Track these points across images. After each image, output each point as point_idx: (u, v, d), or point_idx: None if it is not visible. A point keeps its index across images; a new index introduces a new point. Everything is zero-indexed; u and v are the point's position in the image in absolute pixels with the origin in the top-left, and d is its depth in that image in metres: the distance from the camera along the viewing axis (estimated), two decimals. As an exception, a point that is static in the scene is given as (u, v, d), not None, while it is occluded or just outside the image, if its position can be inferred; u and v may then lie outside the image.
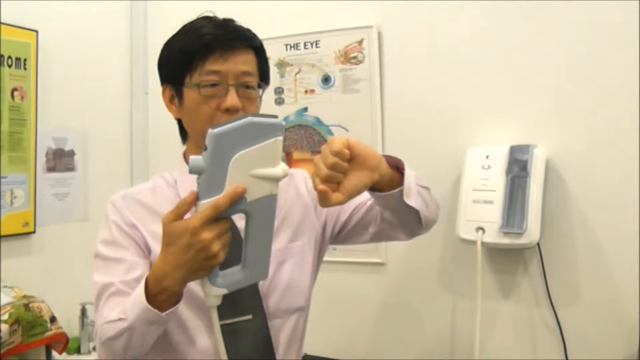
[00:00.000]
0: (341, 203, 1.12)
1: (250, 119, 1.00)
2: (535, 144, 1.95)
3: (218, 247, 1.02)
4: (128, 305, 1.12)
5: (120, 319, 1.12)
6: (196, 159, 0.99)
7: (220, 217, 1.01)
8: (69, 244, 2.38)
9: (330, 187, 1.10)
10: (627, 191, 1.87)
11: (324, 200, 1.10)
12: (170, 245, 1.04)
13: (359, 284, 2.29)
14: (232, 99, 1.25)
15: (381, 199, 1.25)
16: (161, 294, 1.08)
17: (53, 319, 1.96)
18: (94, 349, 2.37)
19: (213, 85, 1.26)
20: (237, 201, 1.01)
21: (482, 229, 1.91)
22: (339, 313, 2.29)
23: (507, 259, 2.04)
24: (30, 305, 1.91)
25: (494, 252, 2.05)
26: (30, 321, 1.88)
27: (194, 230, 1.00)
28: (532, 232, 1.86)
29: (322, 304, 1.48)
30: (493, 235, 1.90)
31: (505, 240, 1.88)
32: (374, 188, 1.20)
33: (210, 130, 0.99)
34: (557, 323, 1.96)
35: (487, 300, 2.04)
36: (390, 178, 1.20)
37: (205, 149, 0.99)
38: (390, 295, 2.25)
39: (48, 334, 1.94)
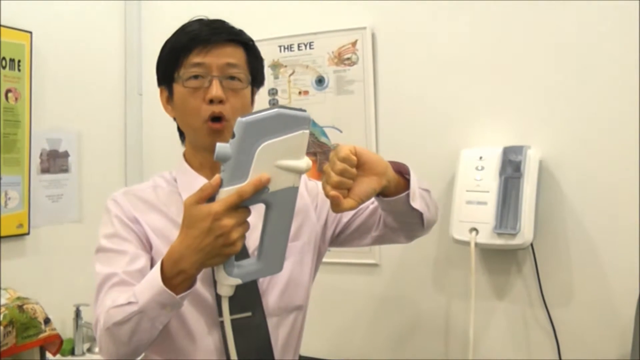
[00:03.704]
0: (352, 208, 1.14)
1: (279, 110, 1.01)
2: (528, 145, 1.95)
3: (237, 235, 1.02)
4: (139, 289, 1.12)
5: (129, 303, 1.11)
6: (223, 146, 1.00)
7: (240, 206, 1.02)
8: (63, 246, 2.37)
9: (341, 193, 1.12)
10: (620, 191, 1.88)
11: (336, 206, 1.12)
12: (190, 228, 1.04)
13: (353, 285, 2.29)
14: (215, 90, 1.28)
15: (387, 204, 1.27)
16: (177, 277, 1.08)
17: (47, 321, 1.96)
18: (88, 350, 2.37)
19: (197, 77, 1.29)
20: (260, 190, 1.01)
21: (475, 229, 1.92)
22: (333, 314, 2.29)
23: (500, 260, 2.05)
24: (24, 306, 1.91)
25: (488, 253, 2.05)
26: (24, 323, 1.88)
27: (216, 215, 1.00)
28: (526, 232, 1.86)
29: (316, 305, 1.48)
30: (486, 236, 1.90)
31: (499, 241, 1.89)
32: (380, 193, 1.23)
33: (239, 119, 1.00)
34: (550, 323, 1.97)
35: (481, 300, 2.04)
36: (396, 183, 1.23)
37: (233, 136, 1.00)
38: (384, 296, 2.25)
39: (42, 335, 1.94)
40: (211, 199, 1.03)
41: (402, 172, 1.26)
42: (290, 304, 1.37)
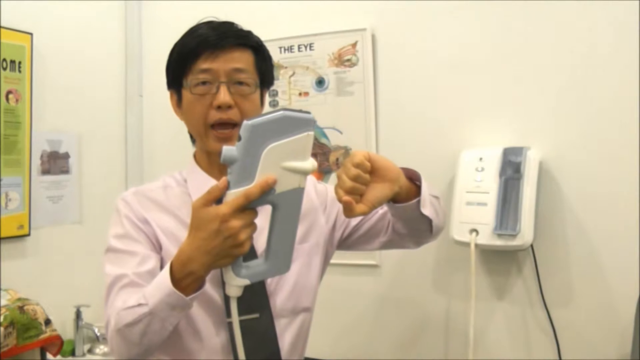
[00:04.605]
0: (364, 214, 1.16)
1: (284, 112, 1.03)
2: (528, 146, 1.96)
3: (245, 236, 1.04)
4: (149, 291, 1.13)
5: (140, 305, 1.13)
6: (229, 149, 1.02)
7: (247, 207, 1.03)
8: (63, 247, 2.38)
9: (354, 198, 1.14)
10: (620, 192, 1.88)
11: (348, 211, 1.14)
12: (198, 230, 1.06)
13: (354, 286, 2.29)
14: (223, 96, 1.28)
15: (398, 210, 1.29)
16: (186, 279, 1.10)
17: (48, 322, 1.97)
18: (89, 351, 2.37)
19: (204, 83, 1.29)
20: (266, 192, 1.02)
21: (475, 230, 1.92)
22: (334, 315, 2.29)
23: (500, 261, 2.05)
24: (25, 307, 1.91)
25: (488, 254, 2.05)
26: (24, 324, 1.89)
27: (224, 217, 1.02)
28: (526, 233, 1.86)
29: (317, 306, 1.49)
30: (487, 237, 1.90)
31: (499, 242, 1.89)
32: (391, 199, 1.24)
33: (245, 122, 1.02)
34: (550, 324, 1.97)
35: (481, 301, 2.04)
36: (407, 189, 1.25)
37: (239, 139, 1.01)
38: (385, 297, 2.25)
39: (43, 336, 1.94)
40: (219, 201, 1.04)
41: (412, 178, 1.28)
42: (297, 306, 1.38)
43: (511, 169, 1.91)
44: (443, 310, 2.15)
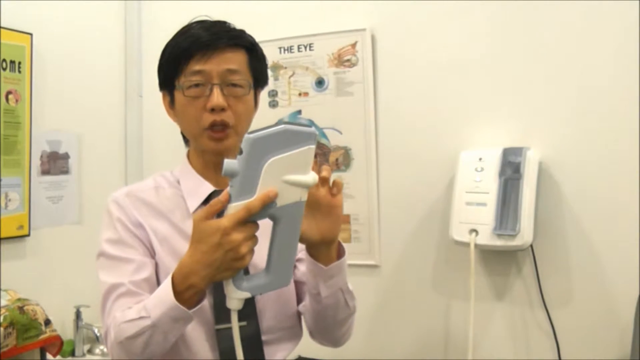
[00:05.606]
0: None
1: (285, 126, 1.02)
2: (528, 146, 1.96)
3: (246, 250, 1.03)
4: (151, 303, 1.13)
5: (141, 317, 1.12)
6: (231, 162, 1.01)
7: (248, 220, 1.03)
8: (63, 247, 2.38)
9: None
10: (619, 192, 1.89)
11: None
12: (200, 243, 1.05)
13: (354, 286, 2.29)
14: (216, 98, 1.25)
15: (310, 264, 1.26)
16: (187, 291, 1.09)
17: (47, 322, 1.96)
18: (89, 351, 2.37)
19: (197, 85, 1.27)
20: (267, 205, 1.02)
21: (475, 231, 1.92)
22: (334, 315, 2.29)
23: (500, 261, 2.05)
24: (25, 308, 1.91)
25: (488, 254, 2.05)
26: (24, 324, 1.89)
27: (225, 230, 1.01)
28: (525, 234, 1.87)
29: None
30: (486, 237, 1.90)
31: (499, 242, 1.89)
32: (314, 253, 1.24)
33: (246, 135, 1.01)
34: (550, 324, 1.97)
35: (481, 301, 2.04)
36: (329, 260, 1.27)
37: (240, 152, 1.01)
38: (385, 297, 2.25)
39: (42, 336, 1.94)
40: (220, 213, 1.04)
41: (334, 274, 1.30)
42: (285, 324, 1.37)
43: (511, 169, 1.91)
44: (443, 310, 2.15)
